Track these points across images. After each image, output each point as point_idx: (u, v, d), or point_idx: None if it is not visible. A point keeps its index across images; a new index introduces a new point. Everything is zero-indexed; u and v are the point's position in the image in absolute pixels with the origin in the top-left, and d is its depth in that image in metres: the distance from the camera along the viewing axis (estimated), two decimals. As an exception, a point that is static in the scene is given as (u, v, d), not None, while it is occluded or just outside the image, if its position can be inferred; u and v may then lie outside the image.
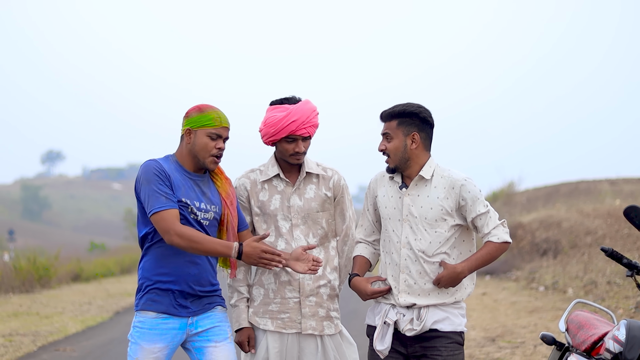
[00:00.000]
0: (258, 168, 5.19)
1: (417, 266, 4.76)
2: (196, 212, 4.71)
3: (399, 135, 4.80)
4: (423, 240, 4.76)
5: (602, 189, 28.16)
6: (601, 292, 13.66)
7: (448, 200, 4.77)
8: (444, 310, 4.78)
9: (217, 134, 4.75)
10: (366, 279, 4.87)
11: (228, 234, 4.83)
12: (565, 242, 19.36)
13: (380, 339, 4.81)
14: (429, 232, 4.76)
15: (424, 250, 4.75)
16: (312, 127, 5.00)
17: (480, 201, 4.76)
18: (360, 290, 4.85)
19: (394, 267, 4.83)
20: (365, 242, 5.08)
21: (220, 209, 4.82)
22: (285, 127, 4.94)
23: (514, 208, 29.47)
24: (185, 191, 4.71)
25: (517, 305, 14.45)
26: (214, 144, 4.75)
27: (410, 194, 4.82)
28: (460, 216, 4.80)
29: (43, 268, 20.73)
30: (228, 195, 4.85)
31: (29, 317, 14.70)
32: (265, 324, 5.02)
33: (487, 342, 10.91)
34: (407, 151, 4.79)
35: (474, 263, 4.72)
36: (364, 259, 5.03)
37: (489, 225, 4.74)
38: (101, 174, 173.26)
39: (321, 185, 5.14)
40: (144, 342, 4.70)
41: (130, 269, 29.86)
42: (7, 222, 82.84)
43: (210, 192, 4.83)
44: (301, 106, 4.99)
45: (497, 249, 4.73)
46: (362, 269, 5.00)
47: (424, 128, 4.82)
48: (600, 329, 5.05)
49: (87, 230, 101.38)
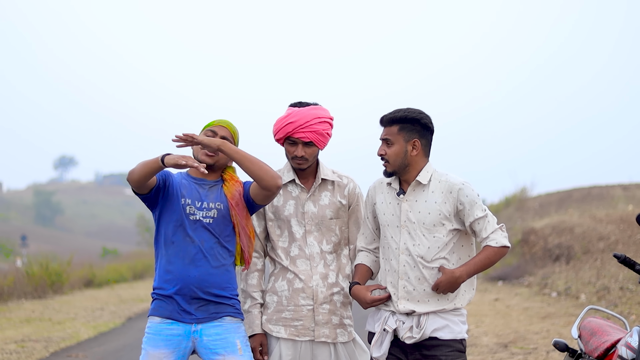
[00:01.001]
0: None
1: (415, 272, 4.75)
2: (195, 211, 4.78)
3: (400, 141, 4.78)
4: (422, 246, 4.75)
5: (615, 195, 28.06)
6: (614, 298, 13.62)
7: (446, 205, 4.76)
8: (444, 317, 4.76)
9: (212, 130, 4.89)
10: (366, 287, 4.86)
11: (240, 233, 4.85)
12: (578, 248, 19.31)
13: (377, 346, 4.81)
14: (427, 237, 4.75)
15: (422, 255, 4.74)
16: (312, 133, 4.97)
17: (478, 205, 4.74)
18: (360, 298, 4.83)
19: (392, 274, 4.81)
20: (367, 251, 5.06)
21: (227, 208, 4.83)
22: (283, 128, 4.98)
23: (527, 213, 29.40)
24: (187, 192, 4.81)
25: (530, 311, 14.42)
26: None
27: (408, 200, 4.81)
28: (459, 220, 4.79)
29: (55, 274, 20.75)
30: (233, 197, 4.85)
31: (42, 323, 14.73)
32: (278, 331, 5.01)
33: (500, 348, 10.89)
34: (407, 157, 4.78)
35: (472, 267, 4.70)
36: (365, 267, 5.02)
37: (487, 230, 4.73)
38: (114, 180, 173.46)
39: (336, 193, 5.14)
40: (150, 347, 4.75)
41: (142, 274, 29.90)
42: (20, 228, 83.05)
43: (216, 194, 4.86)
44: (304, 110, 5.00)
45: (496, 253, 4.71)
46: (363, 278, 4.99)
47: (424, 134, 4.82)
48: (613, 335, 5.05)
49: (99, 235, 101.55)
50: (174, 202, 4.79)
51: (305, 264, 5.04)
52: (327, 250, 5.09)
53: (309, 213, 5.08)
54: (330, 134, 5.06)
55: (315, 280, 5.02)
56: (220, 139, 4.80)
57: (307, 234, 5.07)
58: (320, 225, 5.08)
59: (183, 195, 4.80)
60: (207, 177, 4.89)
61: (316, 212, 5.09)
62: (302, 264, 5.05)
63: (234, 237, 4.86)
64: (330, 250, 5.09)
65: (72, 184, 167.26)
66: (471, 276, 4.72)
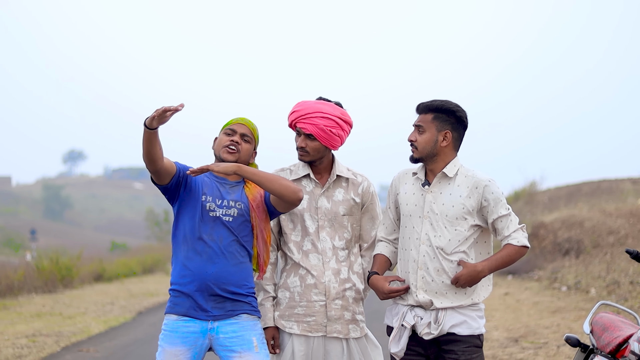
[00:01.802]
0: (289, 167, 5.21)
1: (435, 263, 4.76)
2: (215, 208, 4.79)
3: (432, 130, 4.80)
4: (442, 238, 4.76)
5: (625, 188, 28.03)
6: (624, 292, 13.61)
7: (470, 200, 4.77)
8: (462, 313, 4.77)
9: (232, 129, 4.93)
10: (384, 277, 4.87)
11: (257, 236, 4.86)
12: (588, 242, 19.30)
13: (395, 342, 4.82)
14: (449, 229, 4.76)
15: (442, 247, 4.75)
16: (312, 126, 4.98)
17: (503, 203, 4.76)
18: (378, 288, 4.85)
19: (412, 264, 4.82)
20: (386, 241, 5.08)
21: (248, 209, 4.85)
22: (289, 116, 5.08)
23: (536, 207, 29.40)
24: (209, 189, 4.83)
25: (540, 306, 14.41)
26: (228, 138, 4.90)
27: (433, 191, 4.83)
28: (481, 217, 4.80)
29: (66, 268, 20.80)
30: (255, 198, 4.88)
31: (52, 317, 14.77)
32: (291, 327, 5.02)
33: (510, 343, 10.89)
34: (436, 147, 4.80)
35: (494, 263, 4.72)
36: (384, 257, 5.03)
37: (510, 228, 4.74)
38: (123, 174, 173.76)
39: (350, 190, 5.15)
40: (166, 344, 4.75)
41: (152, 268, 29.97)
42: (29, 222, 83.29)
43: (238, 193, 4.88)
44: (311, 102, 5.07)
45: (517, 252, 4.73)
46: (382, 268, 5.00)
47: (457, 128, 4.83)
48: (624, 330, 5.05)
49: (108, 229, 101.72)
50: (193, 198, 4.80)
51: (317, 258, 5.05)
52: (340, 246, 5.10)
53: (322, 208, 5.09)
54: (337, 133, 5.03)
55: (327, 276, 5.03)
56: (234, 162, 4.83)
57: (320, 229, 5.08)
58: (333, 221, 5.09)
59: (204, 192, 4.81)
60: (229, 177, 4.90)
61: (329, 207, 5.10)
62: (314, 258, 5.06)
63: (251, 239, 4.86)
64: (342, 246, 5.10)
65: (81, 178, 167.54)
66: (492, 272, 4.74)
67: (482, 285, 4.82)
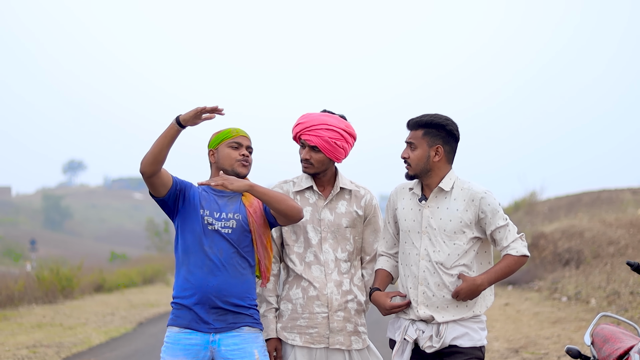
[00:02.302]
0: (292, 180, 5.24)
1: (435, 278, 4.77)
2: (213, 222, 4.82)
3: (423, 146, 4.81)
4: (442, 252, 4.77)
5: (625, 199, 28.02)
6: (624, 303, 13.61)
7: (467, 213, 4.78)
8: (463, 325, 4.78)
9: (237, 142, 4.93)
10: (386, 293, 4.89)
11: (256, 242, 4.89)
12: (588, 252, 19.30)
13: (399, 355, 4.84)
14: (448, 244, 4.77)
15: (442, 262, 4.77)
16: (317, 138, 5.01)
17: (500, 214, 4.77)
18: (380, 304, 4.87)
19: (412, 280, 4.84)
20: (387, 255, 5.09)
21: (247, 218, 4.87)
22: (294, 128, 5.10)
23: (536, 217, 29.39)
24: (206, 203, 4.86)
25: (540, 316, 14.41)
26: (237, 152, 4.90)
27: (430, 206, 4.84)
28: (479, 229, 4.81)
29: (66, 278, 20.78)
30: (251, 205, 4.91)
31: (53, 328, 14.77)
32: (293, 339, 5.03)
33: (511, 353, 10.90)
34: (429, 162, 4.81)
35: (493, 276, 4.73)
36: (385, 272, 5.05)
37: (508, 239, 4.75)
38: (122, 184, 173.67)
39: (352, 202, 5.17)
40: (168, 356, 4.79)
41: (152, 279, 29.95)
42: (29, 232, 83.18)
43: (235, 204, 4.91)
44: (316, 114, 5.10)
45: (516, 262, 4.74)
46: (383, 283, 5.02)
47: (449, 141, 4.84)
48: (625, 342, 5.06)
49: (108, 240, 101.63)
50: (192, 213, 4.83)
51: (319, 270, 5.07)
52: (342, 258, 5.11)
53: (325, 220, 5.11)
54: (341, 146, 5.06)
55: (329, 288, 5.05)
56: (246, 178, 4.89)
57: (323, 241, 5.10)
58: (336, 233, 5.11)
59: (202, 206, 4.85)
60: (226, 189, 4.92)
61: (332, 220, 5.12)
62: (317, 270, 5.07)
63: (252, 249, 4.89)
64: (345, 258, 5.12)
65: (81, 188, 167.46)
66: (492, 284, 4.75)
67: (483, 296, 4.84)
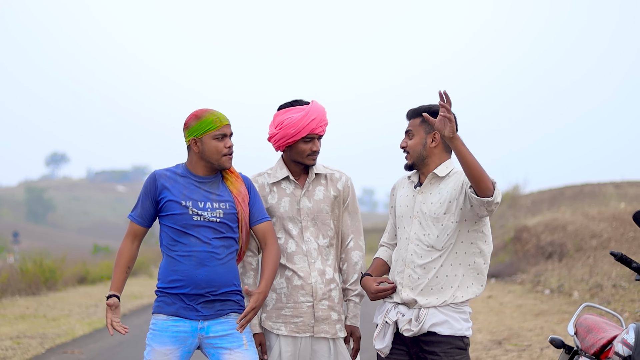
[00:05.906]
0: (266, 171, 5.22)
1: (422, 261, 4.78)
2: (200, 212, 4.78)
3: (420, 133, 4.85)
4: (431, 235, 4.78)
5: (607, 192, 28.13)
6: (607, 295, 13.68)
7: (455, 191, 4.75)
8: (444, 313, 4.77)
9: (222, 133, 4.83)
10: (374, 278, 4.91)
11: (242, 228, 4.89)
12: (571, 245, 19.38)
13: (380, 338, 4.85)
14: (436, 225, 4.78)
15: (433, 244, 4.78)
16: (325, 126, 5.09)
17: None
18: (367, 288, 4.91)
19: (400, 263, 4.87)
20: (387, 246, 5.13)
21: (234, 205, 4.86)
22: (306, 126, 5.00)
23: (519, 211, 29.47)
24: (187, 194, 4.80)
25: (523, 309, 14.47)
26: (223, 144, 4.83)
27: (423, 192, 4.87)
28: (463, 195, 4.70)
29: (49, 270, 20.74)
30: (239, 193, 4.89)
31: (36, 319, 14.74)
32: (278, 328, 5.04)
33: (494, 345, 10.94)
34: (426, 149, 4.84)
35: (466, 147, 4.46)
36: (381, 261, 5.09)
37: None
38: (105, 176, 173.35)
39: (329, 187, 5.17)
40: (155, 343, 4.79)
41: (135, 271, 29.84)
42: (12, 224, 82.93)
43: (219, 191, 4.87)
44: (316, 105, 5.08)
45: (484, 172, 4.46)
46: (377, 271, 5.05)
47: None
48: (609, 332, 5.08)
49: (91, 232, 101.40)
50: (176, 208, 4.79)
51: (302, 260, 5.07)
52: (324, 244, 5.11)
53: (304, 209, 5.11)
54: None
55: (313, 277, 5.05)
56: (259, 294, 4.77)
57: (304, 230, 5.10)
58: (316, 220, 5.11)
59: (185, 198, 4.79)
60: (211, 173, 4.89)
61: (312, 207, 5.11)
62: (300, 260, 5.07)
63: (238, 235, 4.89)
64: (326, 244, 5.12)
65: (64, 180, 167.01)
66: (462, 149, 4.46)
67: (469, 284, 4.82)
